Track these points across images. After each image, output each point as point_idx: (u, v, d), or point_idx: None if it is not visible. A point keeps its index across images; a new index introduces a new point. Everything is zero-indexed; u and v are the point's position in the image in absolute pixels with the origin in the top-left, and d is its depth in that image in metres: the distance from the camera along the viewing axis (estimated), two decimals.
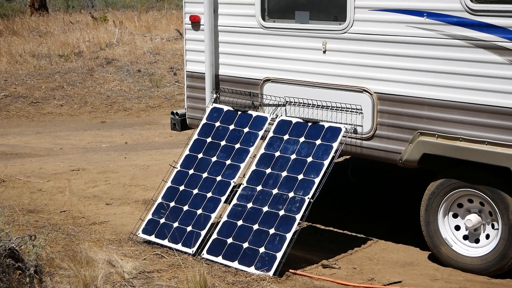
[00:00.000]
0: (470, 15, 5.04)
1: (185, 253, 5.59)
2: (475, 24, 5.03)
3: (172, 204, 5.97)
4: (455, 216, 5.48)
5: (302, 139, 5.77)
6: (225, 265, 5.39)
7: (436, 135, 5.31)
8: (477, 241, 5.41)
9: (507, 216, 5.12)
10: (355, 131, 5.71)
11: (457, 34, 5.12)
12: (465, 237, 5.46)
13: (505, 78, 4.95)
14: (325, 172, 5.49)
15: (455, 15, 5.11)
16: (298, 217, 5.36)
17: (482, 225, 5.38)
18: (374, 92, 5.60)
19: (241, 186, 5.76)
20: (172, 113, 6.94)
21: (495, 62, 4.98)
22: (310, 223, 6.42)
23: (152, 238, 5.86)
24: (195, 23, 6.60)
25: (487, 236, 5.36)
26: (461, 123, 5.19)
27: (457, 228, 5.48)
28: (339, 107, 5.78)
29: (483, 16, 4.99)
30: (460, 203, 5.44)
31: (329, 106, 5.84)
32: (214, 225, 5.69)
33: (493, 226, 5.32)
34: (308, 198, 5.40)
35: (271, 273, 5.18)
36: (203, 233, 5.64)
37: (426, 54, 5.29)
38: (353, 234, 6.27)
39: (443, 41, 5.20)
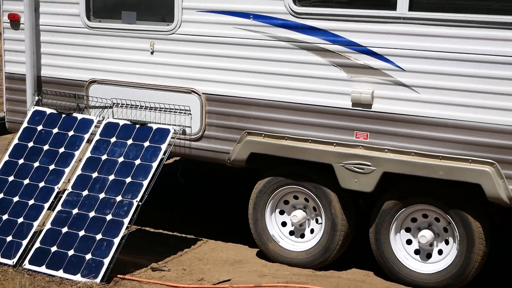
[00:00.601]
0: (294, 17, 5.22)
1: (5, 264, 5.29)
2: (298, 26, 5.22)
3: None
4: (281, 213, 5.65)
5: (130, 142, 5.69)
6: (49, 275, 5.17)
7: (263, 135, 5.44)
8: (302, 236, 5.60)
9: (330, 211, 5.35)
10: (184, 132, 5.71)
11: (282, 36, 5.27)
12: (291, 233, 5.63)
13: (327, 79, 5.17)
14: (153, 174, 5.45)
15: (280, 17, 5.27)
16: (126, 221, 5.27)
17: (307, 220, 5.57)
18: (203, 93, 5.64)
19: (66, 192, 5.58)
20: None
21: (317, 63, 5.18)
22: (139, 227, 6.33)
23: None
24: (15, 21, 6.30)
25: (312, 231, 5.57)
26: (286, 122, 5.35)
27: (284, 224, 5.65)
28: (168, 109, 5.76)
29: (306, 18, 5.18)
30: (287, 200, 5.61)
31: (158, 108, 5.80)
32: (37, 233, 5.43)
33: (317, 221, 5.53)
34: (137, 201, 5.33)
35: (98, 279, 5.06)
36: (24, 242, 5.38)
37: (253, 55, 5.41)
38: (183, 235, 6.27)
39: (269, 43, 5.34)
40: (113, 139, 5.74)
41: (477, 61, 4.69)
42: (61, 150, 5.82)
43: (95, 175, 5.59)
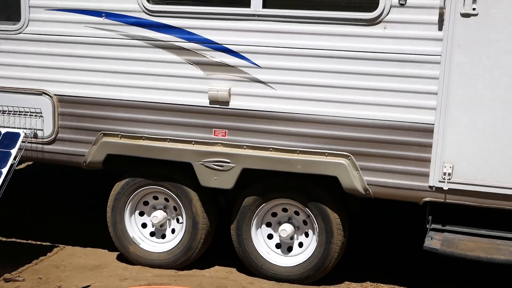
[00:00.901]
0: (148, 15, 5.14)
1: None
2: (153, 24, 5.14)
3: None
4: (141, 214, 5.55)
5: None
6: None
7: (120, 135, 5.31)
8: (163, 236, 5.52)
9: (191, 210, 5.31)
10: (36, 136, 5.47)
11: (136, 35, 5.17)
12: (152, 234, 5.54)
13: (183, 77, 5.13)
14: (3, 181, 5.16)
15: (133, 16, 5.16)
16: None
17: (167, 221, 5.51)
18: (54, 94, 5.42)
19: None
20: None
21: (173, 61, 5.12)
22: None
23: None
24: None
25: (173, 231, 5.51)
26: (143, 122, 5.25)
27: (144, 225, 5.55)
28: (18, 112, 5.49)
29: (160, 17, 5.11)
30: (146, 201, 5.51)
31: (7, 111, 5.52)
32: None
33: (178, 221, 5.47)
34: None
35: None
36: None
37: (106, 55, 5.27)
38: (38, 243, 6.00)
39: (122, 42, 5.21)
40: None
41: (330, 57, 4.82)
42: None
43: None
